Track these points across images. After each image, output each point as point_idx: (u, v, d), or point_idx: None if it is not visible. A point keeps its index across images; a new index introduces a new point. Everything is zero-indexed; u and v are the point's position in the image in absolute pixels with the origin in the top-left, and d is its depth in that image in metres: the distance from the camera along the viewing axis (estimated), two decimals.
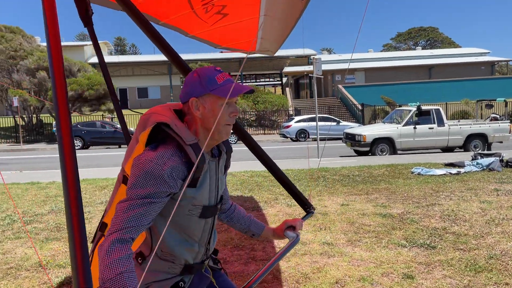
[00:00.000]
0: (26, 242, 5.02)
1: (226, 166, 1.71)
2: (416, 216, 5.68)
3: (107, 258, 1.25)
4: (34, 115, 27.63)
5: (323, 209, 6.18)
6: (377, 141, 13.45)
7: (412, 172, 9.16)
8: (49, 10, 1.34)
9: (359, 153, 14.08)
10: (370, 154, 13.49)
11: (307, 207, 2.19)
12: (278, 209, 6.31)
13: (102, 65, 2.13)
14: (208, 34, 4.15)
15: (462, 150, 13.99)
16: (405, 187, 7.68)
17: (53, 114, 24.53)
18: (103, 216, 1.69)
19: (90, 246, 1.48)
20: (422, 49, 58.66)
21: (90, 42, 45.03)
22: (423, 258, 4.17)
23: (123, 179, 1.58)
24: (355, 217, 5.70)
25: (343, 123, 23.49)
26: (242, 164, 11.65)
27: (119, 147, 22.19)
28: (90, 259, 1.63)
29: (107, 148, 22.42)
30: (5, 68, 24.85)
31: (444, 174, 8.84)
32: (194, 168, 1.42)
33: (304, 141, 22.65)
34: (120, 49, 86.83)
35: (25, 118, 27.15)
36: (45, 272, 4.08)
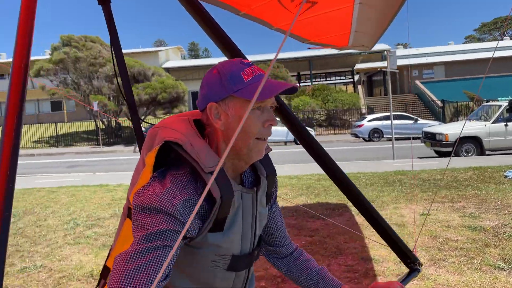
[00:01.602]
0: (84, 249, 4.91)
1: (269, 195, 1.23)
2: None
3: None
4: (113, 119, 29.16)
5: (400, 219, 5.44)
6: (462, 140, 12.13)
7: (506, 176, 7.98)
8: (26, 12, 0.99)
9: (441, 154, 12.83)
10: (453, 155, 12.21)
11: (410, 262, 1.58)
12: (347, 217, 5.69)
13: (117, 55, 1.75)
14: (294, 27, 3.73)
15: None
16: (498, 193, 6.63)
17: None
18: (106, 258, 1.27)
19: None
20: (511, 39, 53.51)
21: (165, 48, 47.00)
22: None
23: (128, 211, 1.15)
24: (438, 230, 4.91)
25: (421, 121, 21.88)
26: (308, 166, 11.05)
27: None
28: None
29: None
30: (86, 75, 26.47)
31: None
32: (217, 206, 1.02)
33: (378, 141, 21.41)
34: (194, 53, 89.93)
35: (105, 122, 28.74)
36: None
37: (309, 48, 5.03)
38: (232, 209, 1.06)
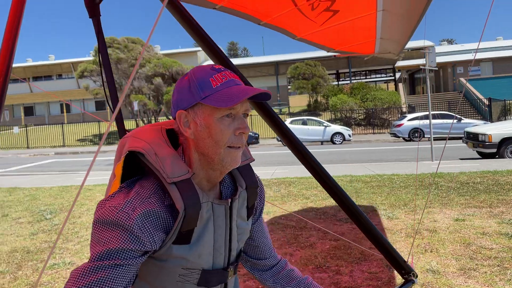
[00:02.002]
0: None
1: (251, 208, 1.18)
2: None
3: None
4: (153, 118, 29.91)
5: (432, 225, 5.21)
6: (506, 141, 11.49)
7: None
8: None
9: (483, 156, 12.22)
10: (497, 156, 11.60)
11: (405, 272, 1.51)
12: (376, 221, 5.51)
13: (105, 65, 1.76)
14: (318, 36, 3.70)
15: None
16: None
17: (170, 117, 26.25)
18: None
19: None
20: None
21: None
22: None
23: None
24: (472, 237, 4.66)
25: (465, 120, 20.97)
26: (342, 167, 10.87)
27: None
28: None
29: None
30: (128, 75, 27.29)
31: None
32: (180, 218, 0.97)
33: (419, 141, 20.72)
34: (233, 53, 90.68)
35: (145, 121, 29.50)
36: None
37: (335, 56, 5.01)
38: (200, 222, 1.02)
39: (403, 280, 1.48)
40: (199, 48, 45.33)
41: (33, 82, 43.58)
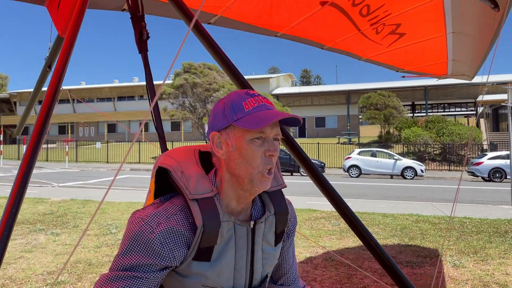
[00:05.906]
0: None
1: (279, 234, 1.19)
2: None
3: None
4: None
5: (503, 278, 4.73)
6: None
7: None
8: None
9: None
10: None
11: None
12: (439, 269, 5.12)
13: (151, 95, 1.91)
14: (385, 57, 3.73)
15: None
16: None
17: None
18: None
19: None
20: None
21: (276, 75, 48.47)
22: None
23: None
24: None
25: None
26: (408, 205, 10.32)
27: (291, 174, 22.68)
28: None
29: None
30: (202, 99, 28.50)
31: None
32: (198, 234, 1.01)
33: (500, 182, 19.14)
34: (306, 80, 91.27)
35: None
36: None
37: (403, 77, 4.86)
38: (220, 240, 1.04)
39: None
40: (271, 75, 46.23)
41: (117, 101, 47.00)
